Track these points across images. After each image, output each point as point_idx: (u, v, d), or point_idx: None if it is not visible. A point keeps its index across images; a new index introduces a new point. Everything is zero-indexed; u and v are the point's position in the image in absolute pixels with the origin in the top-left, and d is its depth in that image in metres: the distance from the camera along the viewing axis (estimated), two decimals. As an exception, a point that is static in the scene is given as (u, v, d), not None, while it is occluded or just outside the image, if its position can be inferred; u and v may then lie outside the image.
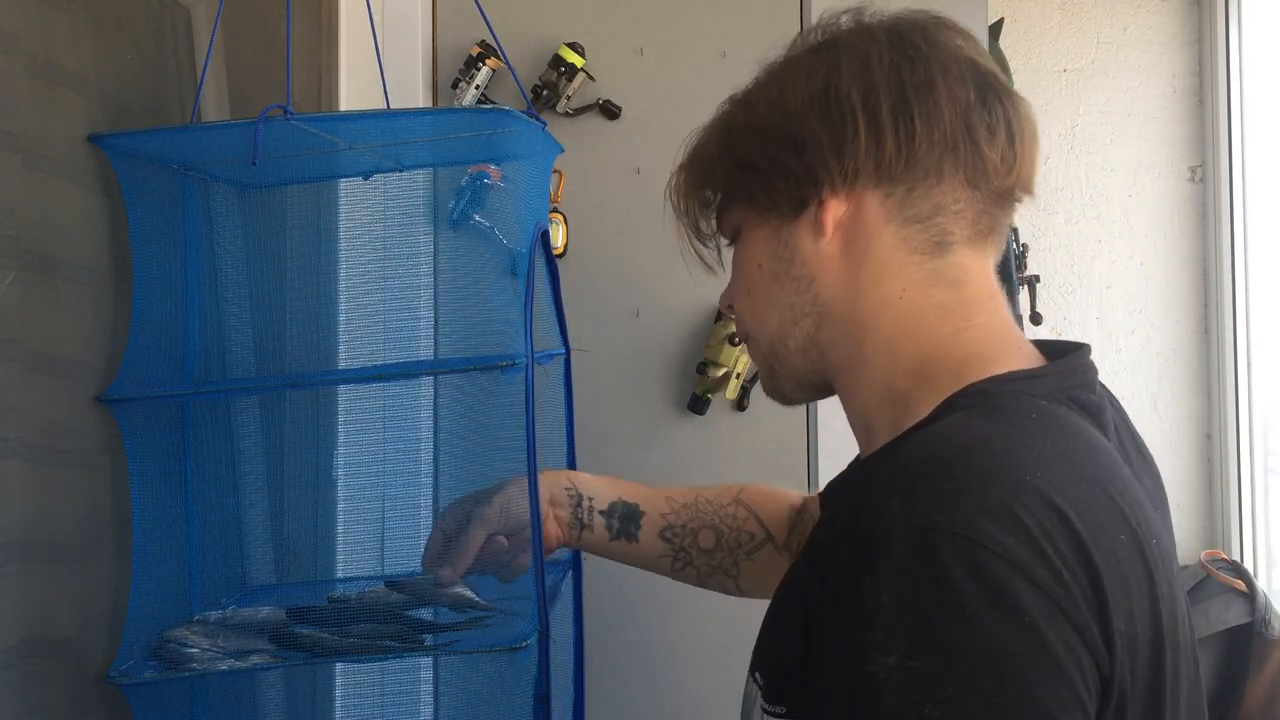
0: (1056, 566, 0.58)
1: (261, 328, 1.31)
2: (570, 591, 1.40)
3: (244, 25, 1.33)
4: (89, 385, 1.05)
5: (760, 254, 0.80)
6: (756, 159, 0.77)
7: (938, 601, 0.56)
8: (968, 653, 0.56)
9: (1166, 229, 2.51)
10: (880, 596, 0.57)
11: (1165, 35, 2.50)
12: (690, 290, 1.81)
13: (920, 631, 0.56)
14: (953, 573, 0.57)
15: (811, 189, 0.75)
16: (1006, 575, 0.57)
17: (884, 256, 0.75)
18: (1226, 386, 2.42)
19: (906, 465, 0.64)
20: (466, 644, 1.09)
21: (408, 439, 1.41)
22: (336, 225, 1.37)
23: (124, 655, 1.06)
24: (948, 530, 0.58)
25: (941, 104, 0.73)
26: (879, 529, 0.59)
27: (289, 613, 1.13)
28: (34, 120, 0.97)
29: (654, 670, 1.80)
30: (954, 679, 0.56)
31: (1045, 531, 0.59)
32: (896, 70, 0.73)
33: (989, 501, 0.59)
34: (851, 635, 0.59)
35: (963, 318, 0.75)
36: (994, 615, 0.56)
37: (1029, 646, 0.56)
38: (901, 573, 0.58)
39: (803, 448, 1.80)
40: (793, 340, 0.80)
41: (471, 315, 1.40)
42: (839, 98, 0.74)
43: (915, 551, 0.58)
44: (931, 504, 0.59)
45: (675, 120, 1.87)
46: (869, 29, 0.77)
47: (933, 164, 0.74)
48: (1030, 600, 0.57)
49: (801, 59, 0.78)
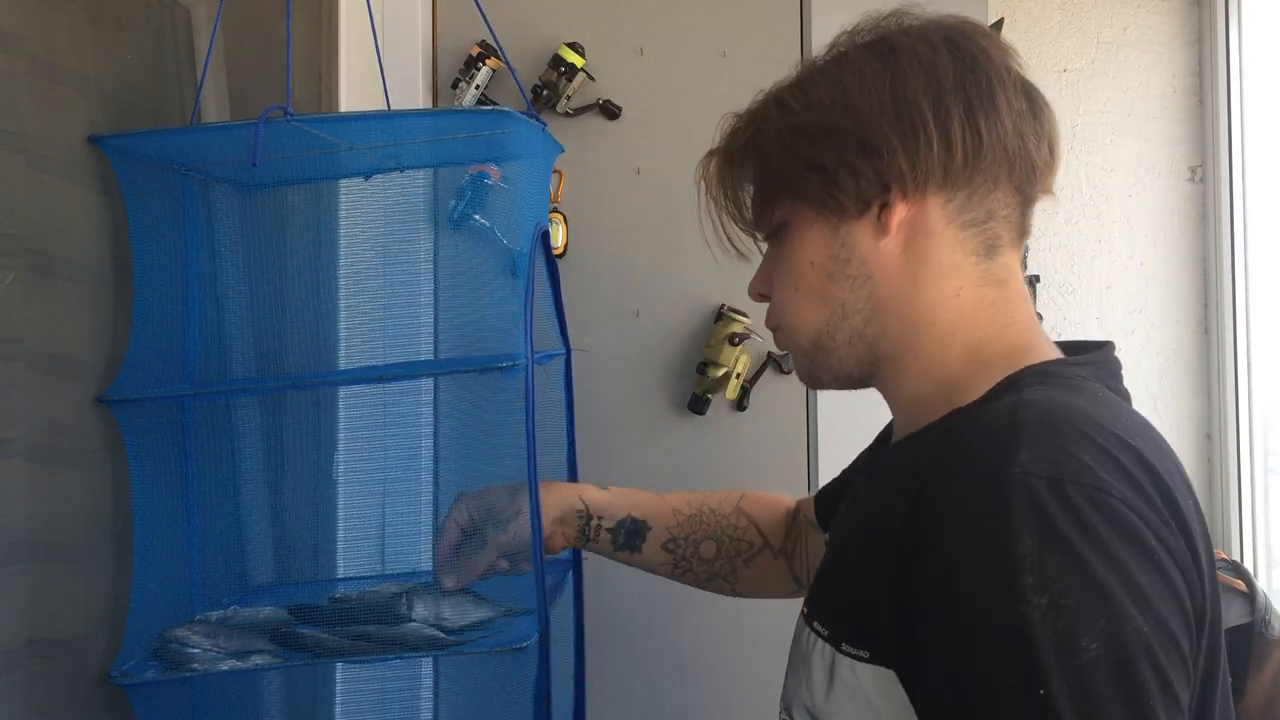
0: (1165, 515, 0.65)
1: (261, 328, 1.31)
2: (570, 592, 1.40)
3: (244, 25, 1.33)
4: (89, 385, 1.05)
5: (814, 251, 0.81)
6: (827, 161, 0.78)
7: (1081, 543, 0.61)
8: (1113, 586, 0.61)
9: (1166, 229, 2.51)
10: (1025, 542, 0.62)
11: (1165, 35, 2.50)
12: (690, 290, 1.81)
13: (1068, 571, 0.61)
14: (1089, 516, 0.62)
15: (879, 192, 0.78)
16: (1132, 519, 0.63)
17: (943, 257, 0.79)
18: (1226, 386, 2.42)
19: (1015, 426, 0.68)
20: (468, 645, 1.09)
21: (408, 439, 1.41)
22: (336, 225, 1.37)
23: (125, 655, 1.06)
24: (1076, 480, 0.63)
25: (1003, 114, 0.77)
26: (1009, 483, 0.64)
27: (290, 612, 1.13)
28: (34, 120, 0.97)
29: (654, 670, 1.80)
30: (1105, 611, 0.60)
31: (1150, 484, 0.66)
32: (961, 81, 0.77)
33: (1102, 456, 0.66)
34: (998, 581, 0.62)
35: (1008, 314, 0.80)
36: (1130, 553, 0.62)
37: (1159, 580, 0.63)
38: (1041, 519, 0.62)
39: (803, 448, 1.80)
40: (841, 335, 0.82)
41: (471, 315, 1.40)
42: (910, 105, 0.76)
43: (1051, 500, 0.62)
44: (1055, 459, 0.65)
45: (675, 120, 1.87)
46: (926, 35, 0.79)
47: (992, 172, 0.78)
48: (1153, 541, 0.63)
49: (859, 61, 0.79)
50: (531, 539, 1.08)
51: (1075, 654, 0.60)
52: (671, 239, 1.81)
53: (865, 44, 0.80)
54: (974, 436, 0.71)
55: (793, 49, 1.82)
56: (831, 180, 0.78)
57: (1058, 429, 0.67)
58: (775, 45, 1.82)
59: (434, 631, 1.10)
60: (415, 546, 1.43)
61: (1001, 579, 0.62)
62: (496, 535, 1.06)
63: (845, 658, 0.74)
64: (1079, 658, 0.60)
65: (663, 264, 1.81)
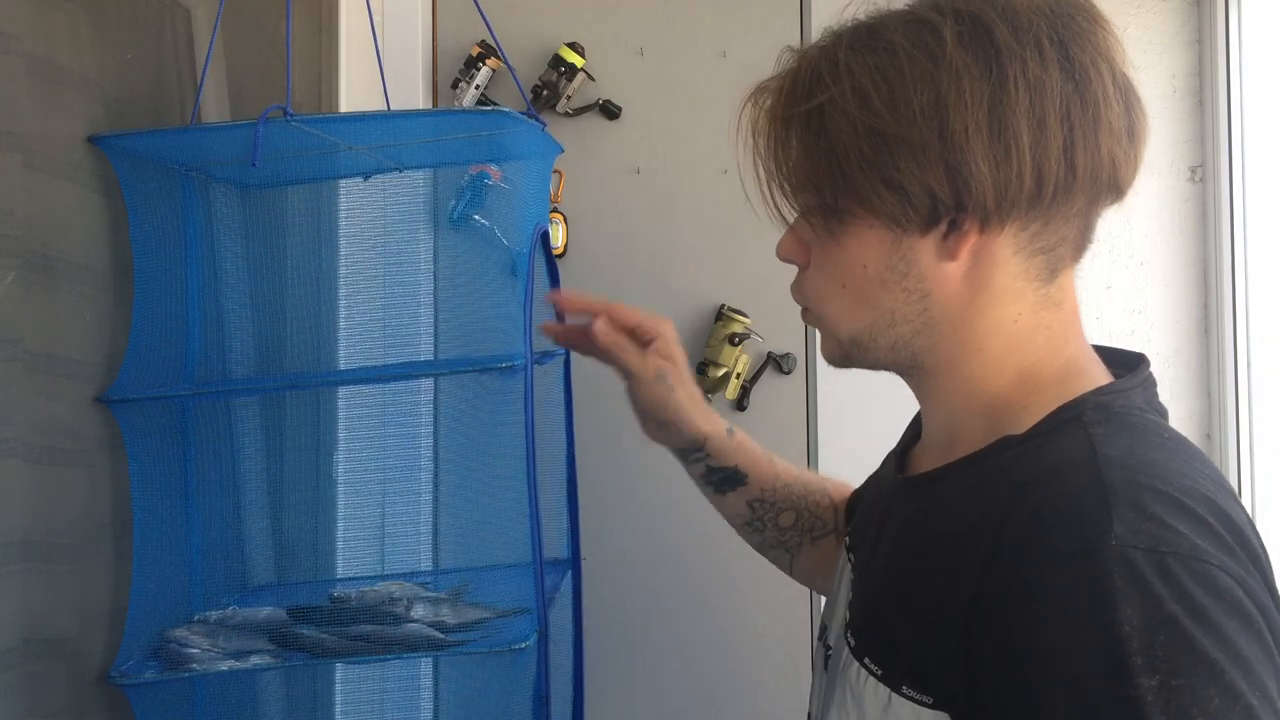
0: (1253, 571, 0.64)
1: (261, 328, 1.31)
2: (570, 592, 1.40)
3: (244, 25, 1.33)
4: (89, 385, 1.05)
5: (869, 256, 0.76)
6: (907, 181, 0.71)
7: (1187, 619, 0.59)
8: (1222, 663, 0.59)
9: (1166, 229, 2.51)
10: (1132, 621, 0.60)
11: (1165, 35, 2.50)
12: (690, 290, 1.81)
13: (1177, 649, 0.59)
14: (1193, 590, 0.60)
15: (954, 215, 0.72)
16: (1233, 589, 0.61)
17: (1005, 284, 0.75)
18: (1226, 386, 2.43)
19: (1104, 494, 0.65)
20: (467, 645, 1.09)
21: (407, 439, 1.41)
22: (336, 225, 1.37)
23: (124, 655, 1.06)
24: (1176, 552, 0.61)
25: (1102, 141, 0.71)
26: (1107, 558, 0.61)
27: (290, 612, 1.13)
28: (34, 120, 0.97)
29: (654, 670, 1.80)
30: (1219, 689, 0.59)
31: (1236, 542, 0.64)
32: (1068, 105, 0.70)
33: (1194, 522, 0.63)
34: (1106, 663, 0.60)
35: (1062, 337, 0.77)
36: (1234, 625, 0.60)
37: (1260, 649, 0.61)
38: (1145, 596, 0.60)
39: (803, 448, 1.80)
40: (884, 339, 0.78)
41: (471, 315, 1.40)
42: (1008, 130, 0.69)
43: (1154, 575, 0.60)
44: (1151, 529, 0.62)
45: (675, 120, 1.87)
46: (1036, 37, 0.71)
47: (1076, 201, 0.73)
48: (1250, 607, 0.62)
49: (958, 61, 0.70)
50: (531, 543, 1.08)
51: None
52: (671, 239, 1.81)
53: (965, 33, 0.70)
54: (1058, 498, 0.67)
55: (793, 49, 1.82)
56: (907, 200, 0.72)
57: (1146, 494, 0.64)
58: (775, 45, 1.81)
59: (433, 632, 1.10)
60: (415, 546, 1.43)
61: (1109, 660, 0.60)
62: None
63: (907, 701, 0.71)
64: None
65: (663, 264, 1.81)
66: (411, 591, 1.22)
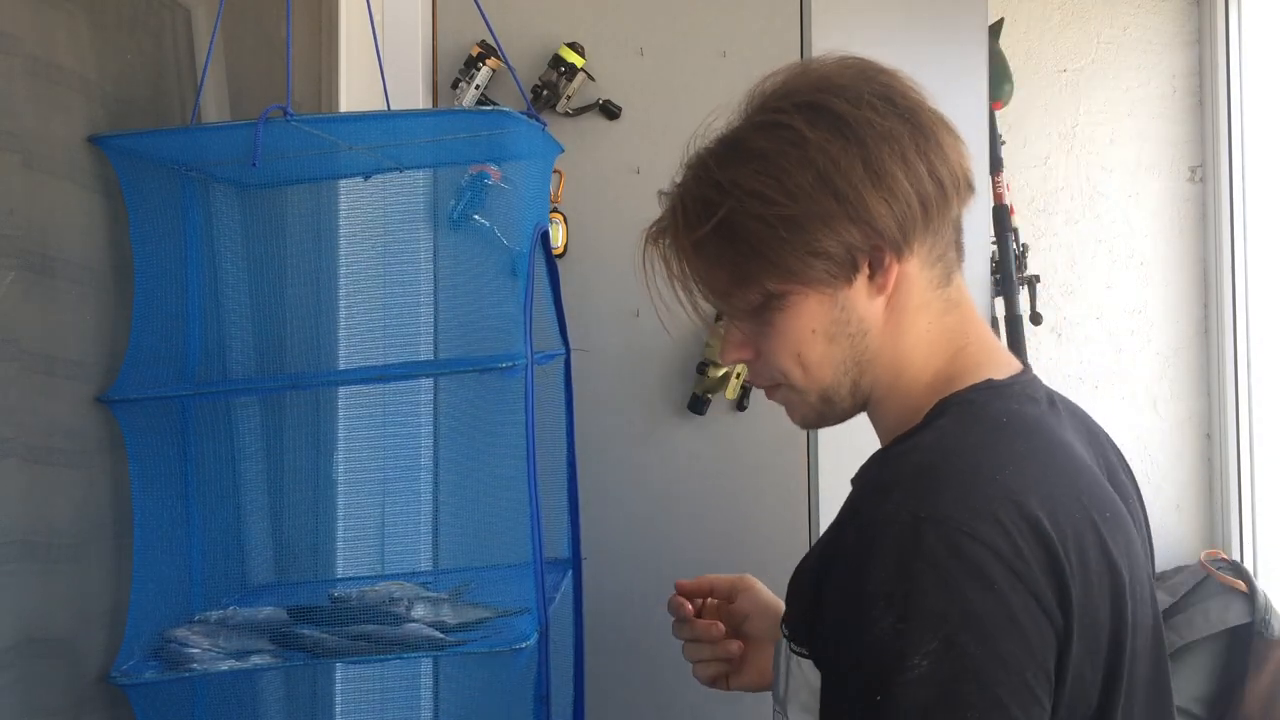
0: (1019, 546, 0.71)
1: (261, 328, 1.31)
2: (570, 592, 1.40)
3: (244, 25, 1.33)
4: (89, 385, 1.05)
5: (814, 320, 0.85)
6: (830, 247, 0.81)
7: (924, 575, 0.70)
8: (949, 615, 0.69)
9: (1166, 229, 2.51)
10: (880, 573, 0.71)
11: (1165, 35, 2.50)
12: (690, 290, 1.81)
13: (910, 599, 0.69)
14: (937, 551, 0.70)
15: (874, 260, 0.83)
16: (978, 552, 0.70)
17: (918, 299, 0.86)
18: (1226, 386, 2.43)
19: (900, 470, 0.77)
20: (467, 645, 1.09)
21: (407, 439, 1.41)
22: (336, 225, 1.37)
23: (125, 655, 1.06)
24: (931, 518, 0.71)
25: (948, 153, 0.84)
26: (879, 522, 0.73)
27: (290, 612, 1.13)
28: (34, 120, 0.97)
29: (654, 670, 1.80)
30: (938, 636, 0.69)
31: (1010, 519, 0.72)
32: (915, 140, 0.82)
33: (965, 497, 0.73)
34: (857, 607, 0.72)
35: (963, 336, 0.88)
36: (969, 585, 0.69)
37: (998, 611, 0.70)
38: (897, 554, 0.71)
39: (802, 448, 1.80)
40: (844, 388, 0.88)
41: (471, 315, 1.40)
42: (885, 174, 0.81)
43: (907, 537, 0.71)
44: (919, 499, 0.73)
45: (675, 120, 1.87)
46: (864, 99, 0.82)
47: (949, 210, 0.85)
48: (998, 573, 0.70)
49: (818, 138, 0.81)
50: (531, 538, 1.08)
51: (906, 670, 0.68)
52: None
53: (810, 116, 0.81)
54: (871, 481, 0.81)
55: (793, 49, 1.82)
56: (832, 261, 0.82)
57: (935, 473, 0.75)
58: (775, 45, 1.82)
59: (433, 632, 1.10)
60: (415, 546, 1.43)
61: (857, 606, 0.72)
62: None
63: (794, 655, 0.84)
64: (908, 673, 0.68)
65: (663, 264, 1.81)
66: (412, 591, 1.22)
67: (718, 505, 1.82)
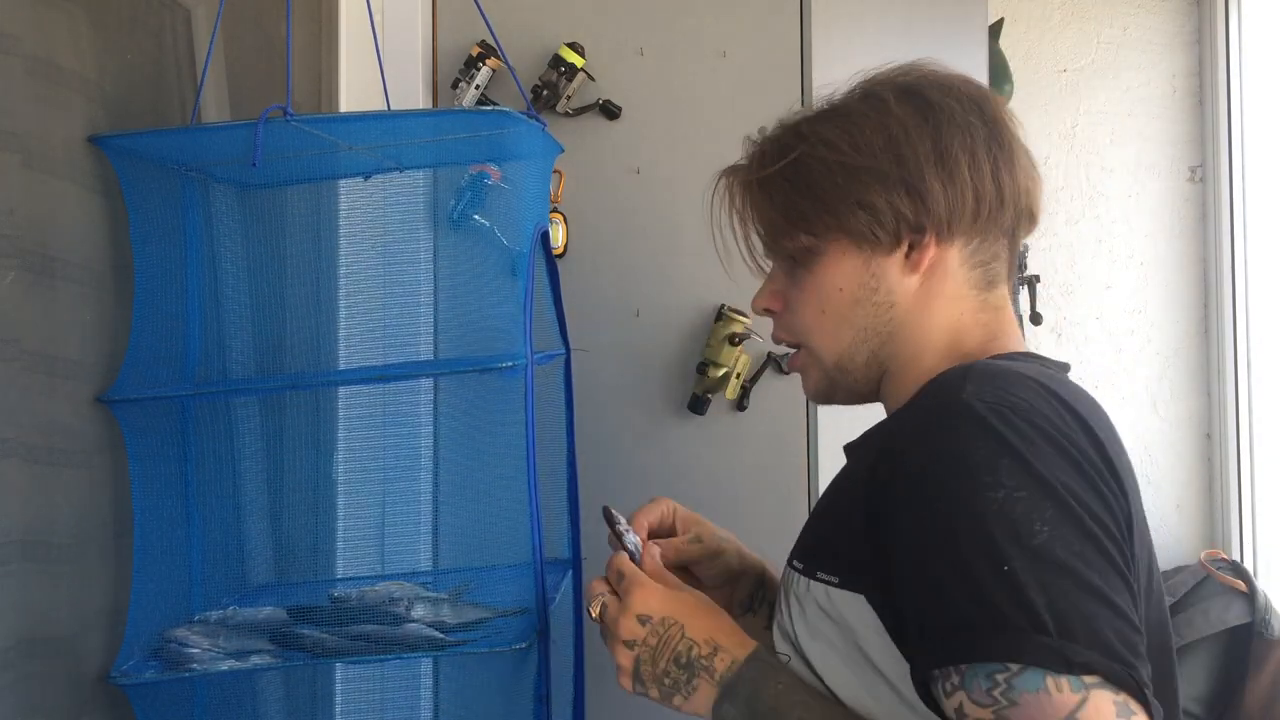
0: (1085, 447, 0.75)
1: (261, 328, 1.31)
2: (570, 591, 1.40)
3: (244, 25, 1.33)
4: (89, 385, 1.05)
5: (844, 279, 0.90)
6: (876, 201, 0.86)
7: (1025, 450, 0.72)
8: (1055, 484, 0.72)
9: (1166, 229, 2.51)
10: (981, 450, 0.73)
11: (1165, 35, 2.50)
12: (690, 290, 1.81)
13: (1018, 470, 0.72)
14: (1027, 431, 0.73)
15: (915, 234, 0.87)
16: (1060, 438, 0.74)
17: (954, 290, 0.90)
18: (1226, 386, 2.42)
19: (964, 374, 0.79)
20: (467, 645, 1.09)
21: (407, 439, 1.41)
22: (336, 225, 1.37)
23: (125, 655, 1.06)
24: (1012, 404, 0.74)
25: (1018, 172, 0.89)
26: (958, 405, 0.76)
27: (289, 612, 1.13)
28: (34, 120, 0.97)
29: (654, 670, 1.80)
30: (1052, 502, 0.71)
31: (1079, 429, 0.76)
32: (990, 143, 0.87)
33: (1036, 396, 0.76)
34: (961, 484, 0.73)
35: (998, 332, 0.91)
36: (1063, 460, 0.73)
37: (1089, 487, 0.73)
38: (990, 431, 0.73)
39: (802, 448, 1.80)
40: (860, 357, 0.91)
41: (471, 315, 1.40)
42: (950, 159, 0.86)
43: (995, 417, 0.74)
44: (995, 390, 0.76)
45: (675, 120, 1.87)
46: (957, 95, 0.88)
47: (1003, 222, 0.90)
48: (1078, 456, 0.74)
49: (901, 112, 0.87)
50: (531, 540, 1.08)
51: (1032, 535, 0.70)
52: (671, 239, 1.81)
53: (902, 94, 0.88)
54: (930, 389, 0.83)
55: (793, 49, 1.82)
56: (876, 219, 0.87)
57: (999, 375, 0.79)
58: (775, 45, 1.82)
59: (433, 632, 1.10)
60: (415, 546, 1.43)
61: (966, 479, 0.73)
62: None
63: (819, 584, 0.84)
64: (1035, 539, 0.70)
65: (663, 264, 1.81)
66: (411, 591, 1.22)
67: (718, 505, 1.80)
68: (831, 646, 0.83)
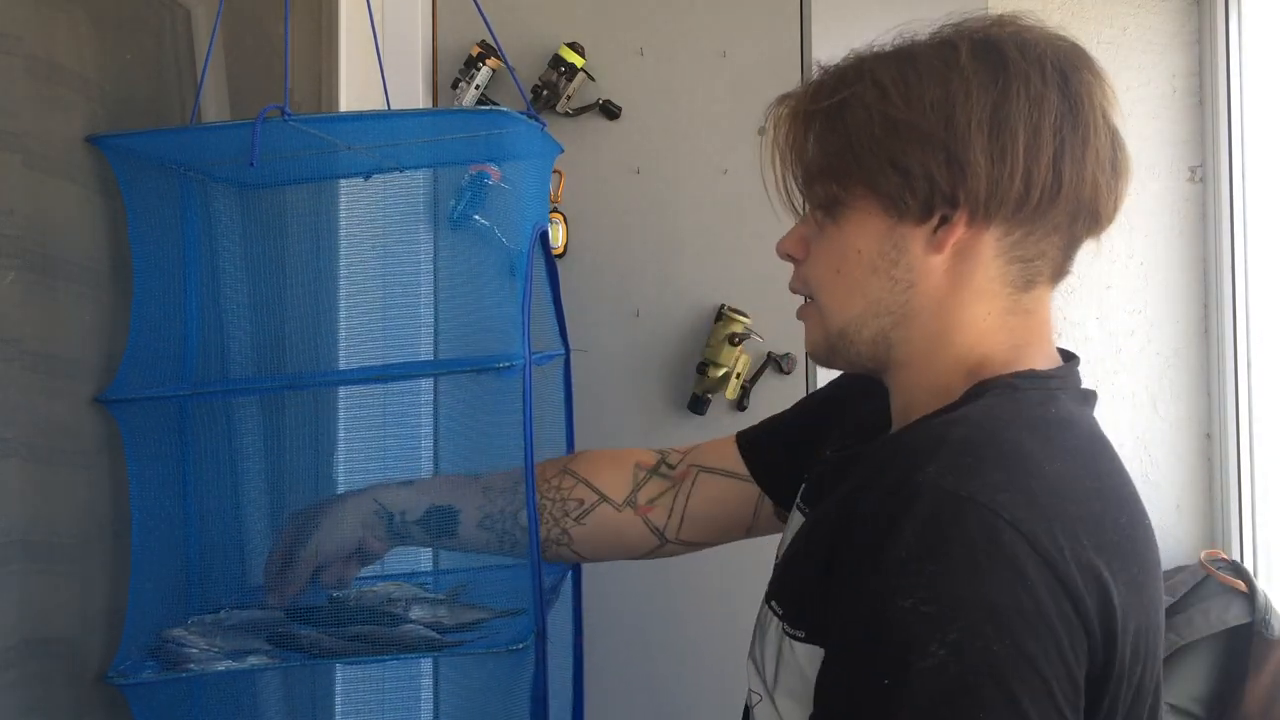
0: (1061, 544, 0.66)
1: (261, 328, 1.31)
2: (569, 592, 1.40)
3: (244, 25, 1.33)
4: (88, 385, 1.05)
5: (865, 241, 0.81)
6: (911, 165, 0.77)
7: (956, 557, 0.64)
8: (974, 604, 0.64)
9: (1166, 229, 2.50)
10: (910, 544, 0.65)
11: (1165, 35, 2.50)
12: (690, 290, 1.81)
13: (936, 581, 0.64)
14: (973, 535, 0.65)
15: (948, 208, 0.78)
16: (1017, 544, 0.65)
17: (983, 284, 0.80)
18: (1226, 386, 2.42)
19: (941, 441, 0.71)
20: (465, 645, 1.09)
21: (407, 439, 1.40)
22: (336, 225, 1.37)
23: (123, 655, 1.06)
24: (972, 499, 0.66)
25: (1088, 163, 0.78)
26: (912, 490, 0.67)
27: (287, 613, 1.13)
28: (34, 120, 0.97)
29: (653, 670, 1.80)
30: (960, 625, 0.63)
31: (1056, 514, 0.67)
32: (1061, 123, 0.77)
33: (1011, 483, 0.68)
34: (878, 578, 0.66)
35: (1024, 340, 0.82)
36: (1002, 576, 0.64)
37: (1027, 607, 0.64)
38: (928, 529, 0.65)
39: (802, 448, 1.80)
40: (867, 331, 0.83)
41: (471, 315, 1.40)
42: (1006, 132, 0.75)
43: (943, 512, 0.66)
44: (961, 475, 0.68)
45: (675, 120, 1.87)
46: (1040, 60, 0.78)
47: (1057, 218, 0.79)
48: (1034, 569, 0.65)
49: (969, 68, 0.77)
50: (529, 536, 1.08)
51: (922, 657, 0.63)
52: (671, 239, 1.81)
53: (978, 48, 0.78)
54: (906, 445, 0.75)
55: (793, 49, 1.82)
56: (907, 183, 0.77)
57: (981, 451, 0.70)
58: (775, 45, 1.82)
59: (430, 632, 1.10)
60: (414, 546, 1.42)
61: (878, 577, 0.66)
62: (303, 553, 1.07)
63: (787, 637, 0.79)
64: (924, 661, 0.63)
65: (663, 264, 1.81)
66: (410, 592, 1.22)
67: (717, 505, 1.82)
68: (798, 701, 0.78)
